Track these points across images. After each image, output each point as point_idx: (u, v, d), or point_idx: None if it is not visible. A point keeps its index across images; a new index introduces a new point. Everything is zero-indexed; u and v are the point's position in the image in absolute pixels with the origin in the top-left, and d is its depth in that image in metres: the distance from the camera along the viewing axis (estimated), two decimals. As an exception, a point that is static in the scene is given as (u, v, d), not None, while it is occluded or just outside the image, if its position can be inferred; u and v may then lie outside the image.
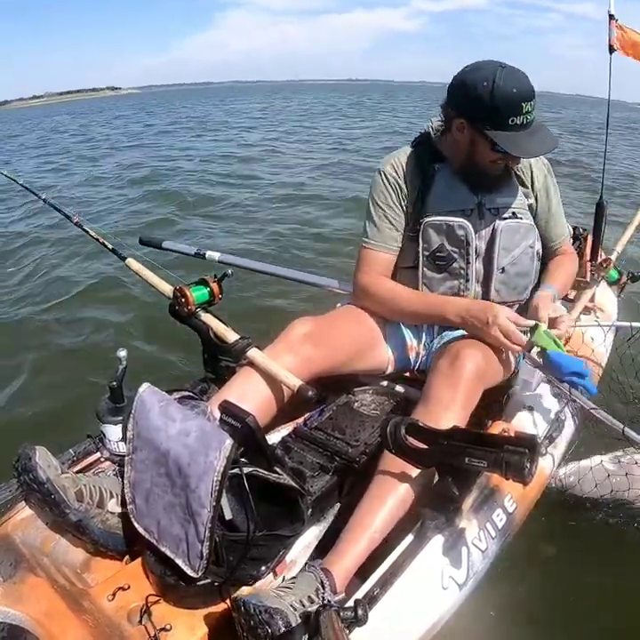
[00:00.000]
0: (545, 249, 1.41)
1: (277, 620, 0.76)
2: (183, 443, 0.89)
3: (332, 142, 10.52)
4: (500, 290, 1.33)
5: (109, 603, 0.91)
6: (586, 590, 1.29)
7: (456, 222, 1.28)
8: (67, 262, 4.28)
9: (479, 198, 1.29)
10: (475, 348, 1.17)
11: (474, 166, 1.26)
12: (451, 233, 1.29)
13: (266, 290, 3.20)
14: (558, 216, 1.41)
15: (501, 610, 1.22)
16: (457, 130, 1.23)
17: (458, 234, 1.29)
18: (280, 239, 4.47)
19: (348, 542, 0.97)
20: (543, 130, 1.19)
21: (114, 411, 1.13)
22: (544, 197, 1.36)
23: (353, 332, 1.35)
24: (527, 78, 1.14)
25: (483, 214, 1.29)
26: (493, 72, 1.12)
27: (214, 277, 1.40)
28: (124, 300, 3.35)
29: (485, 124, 1.16)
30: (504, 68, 1.13)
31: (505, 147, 1.15)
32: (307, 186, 6.51)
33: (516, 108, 1.12)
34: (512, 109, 1.12)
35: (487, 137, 1.17)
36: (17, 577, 0.92)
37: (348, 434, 1.26)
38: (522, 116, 1.13)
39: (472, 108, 1.17)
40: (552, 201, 1.38)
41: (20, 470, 0.95)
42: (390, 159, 1.36)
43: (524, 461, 0.85)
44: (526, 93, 1.12)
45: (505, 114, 1.13)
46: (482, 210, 1.29)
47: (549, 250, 1.43)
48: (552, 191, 1.38)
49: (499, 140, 1.15)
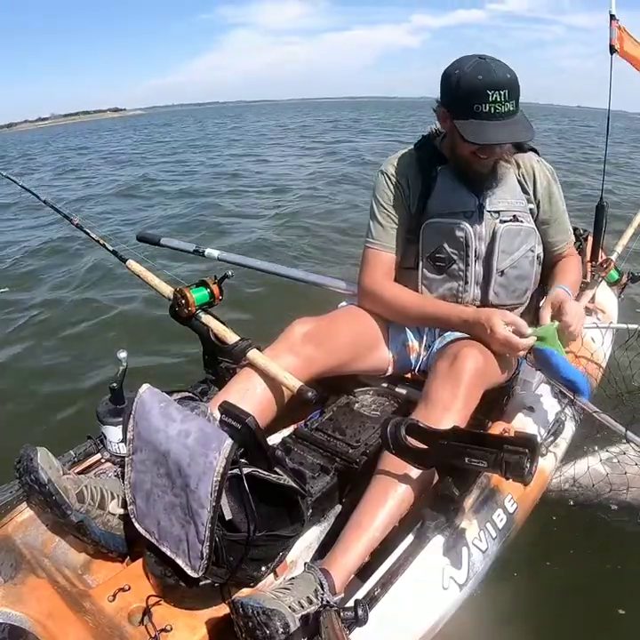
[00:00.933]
0: (547, 254, 1.39)
1: (275, 621, 0.76)
2: (183, 443, 0.90)
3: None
4: (499, 293, 1.33)
5: (110, 603, 0.91)
6: (586, 590, 1.29)
7: (456, 224, 1.28)
8: (66, 261, 4.30)
9: (480, 200, 1.29)
10: (475, 348, 1.17)
11: (461, 162, 1.25)
12: (450, 234, 1.29)
13: (266, 290, 3.20)
14: (561, 222, 1.38)
15: (501, 610, 1.21)
16: (441, 120, 1.24)
17: (457, 235, 1.29)
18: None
19: (348, 543, 0.97)
20: (519, 123, 1.15)
21: (114, 412, 1.13)
22: (546, 204, 1.34)
23: (354, 332, 1.35)
24: (503, 69, 1.11)
25: (483, 216, 1.29)
26: (467, 62, 1.13)
27: (214, 279, 1.41)
28: (125, 300, 3.36)
29: (454, 112, 1.16)
30: (482, 59, 1.13)
31: (464, 132, 1.14)
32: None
33: (480, 96, 1.10)
34: (475, 97, 1.11)
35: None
36: (18, 578, 0.92)
37: (349, 435, 1.26)
38: (488, 105, 1.11)
39: (445, 95, 1.19)
40: (554, 207, 1.36)
41: (21, 471, 0.96)
42: (393, 160, 1.37)
43: (523, 461, 0.85)
44: (494, 82, 1.10)
45: (469, 100, 1.12)
46: (482, 212, 1.29)
47: (552, 255, 1.41)
48: (555, 197, 1.35)
49: (459, 126, 1.15)
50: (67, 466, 1.14)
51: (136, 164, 10.99)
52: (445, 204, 1.30)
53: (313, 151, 11.78)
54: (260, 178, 8.32)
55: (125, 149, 15.23)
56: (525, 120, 1.17)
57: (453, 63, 1.17)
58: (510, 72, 1.12)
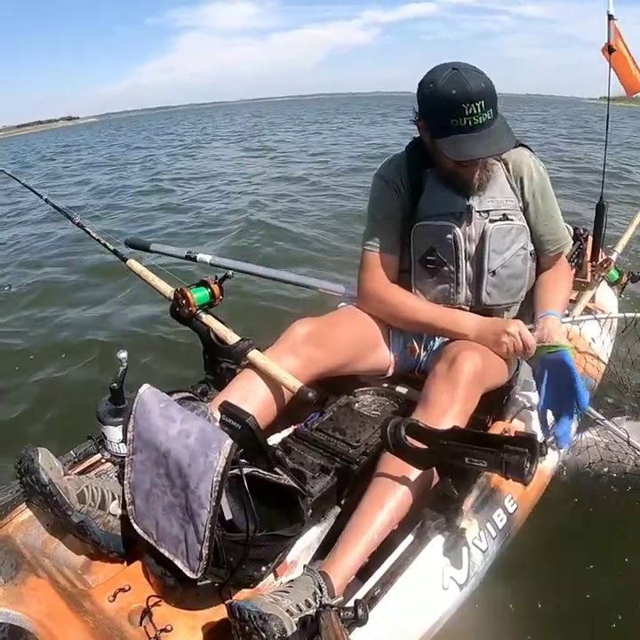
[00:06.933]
0: (538, 253, 1.37)
1: (272, 626, 0.76)
2: (183, 443, 0.90)
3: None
4: (492, 293, 1.31)
5: (110, 604, 0.91)
6: (586, 590, 1.29)
7: (445, 226, 1.28)
8: (65, 261, 4.31)
9: (468, 201, 1.27)
10: (474, 350, 1.17)
11: (447, 171, 1.24)
12: (440, 236, 1.29)
13: (266, 290, 3.20)
14: (554, 219, 1.35)
15: (501, 610, 1.21)
16: (421, 131, 1.25)
17: (447, 237, 1.28)
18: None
19: (347, 545, 0.97)
20: (497, 133, 1.15)
21: (114, 412, 1.14)
22: (537, 200, 1.31)
23: (354, 332, 1.35)
24: (477, 80, 1.10)
25: (472, 217, 1.27)
26: (440, 74, 1.12)
27: (215, 279, 1.41)
28: (125, 300, 3.36)
29: (432, 126, 1.17)
30: (455, 70, 1.11)
31: (443, 149, 1.15)
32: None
33: (456, 110, 1.10)
34: (451, 112, 1.10)
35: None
36: (18, 578, 0.92)
37: (349, 435, 1.26)
38: (465, 119, 1.10)
39: (421, 108, 1.19)
40: (545, 204, 1.32)
41: (22, 472, 0.96)
42: (387, 163, 1.37)
43: (523, 461, 0.85)
44: (468, 95, 1.09)
45: (445, 116, 1.12)
46: (471, 212, 1.27)
47: (543, 254, 1.37)
48: (547, 194, 1.32)
49: (439, 143, 1.16)
50: (67, 466, 1.14)
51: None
52: (434, 206, 1.29)
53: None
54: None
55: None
56: (504, 126, 1.17)
57: (428, 74, 1.16)
58: (485, 81, 1.11)
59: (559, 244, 1.37)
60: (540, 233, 1.34)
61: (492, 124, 1.14)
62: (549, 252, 1.37)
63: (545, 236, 1.35)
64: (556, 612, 1.24)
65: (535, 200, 1.31)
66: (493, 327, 1.24)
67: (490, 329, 1.24)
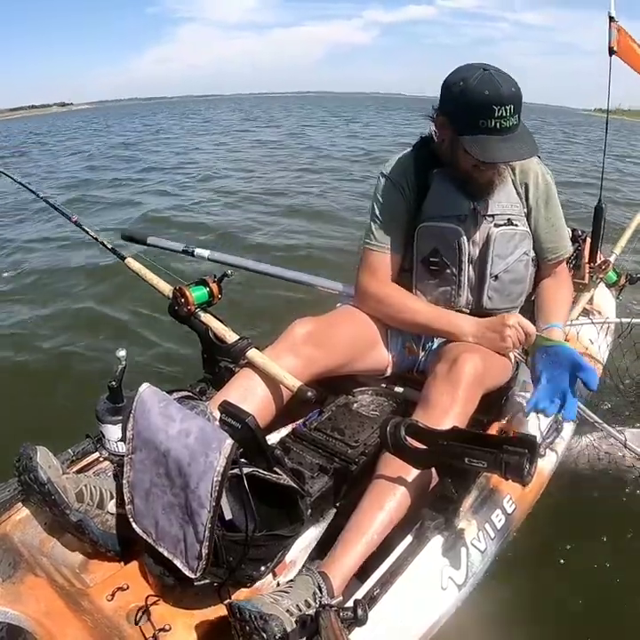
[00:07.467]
0: (539, 260, 1.37)
1: (272, 626, 0.76)
2: (183, 443, 0.89)
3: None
4: (493, 297, 1.32)
5: (108, 603, 0.91)
6: (586, 589, 1.30)
7: (449, 228, 1.27)
8: (64, 260, 4.29)
9: (474, 204, 1.27)
10: (474, 352, 1.17)
11: (460, 171, 1.23)
12: (444, 238, 1.29)
13: (265, 289, 3.18)
14: (557, 228, 1.35)
15: (500, 610, 1.22)
16: (439, 128, 1.23)
17: (450, 239, 1.28)
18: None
19: (346, 545, 0.97)
20: (522, 139, 1.14)
21: (113, 410, 1.13)
22: (542, 207, 1.31)
23: (353, 332, 1.35)
24: (508, 83, 1.10)
25: (477, 220, 1.27)
26: (472, 73, 1.11)
27: (214, 277, 1.40)
28: (124, 299, 3.35)
29: (458, 125, 1.16)
30: (486, 70, 1.11)
31: (469, 148, 1.13)
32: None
33: (486, 111, 1.09)
34: (482, 112, 1.10)
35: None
36: (16, 577, 0.91)
37: (348, 435, 1.26)
38: (494, 120, 1.10)
39: (448, 106, 1.18)
40: (550, 211, 1.32)
41: (20, 470, 0.95)
42: (393, 162, 1.36)
43: (523, 462, 0.85)
44: (500, 98, 1.08)
45: (474, 116, 1.11)
46: (476, 216, 1.27)
47: (544, 262, 1.38)
48: (552, 202, 1.32)
49: (465, 141, 1.14)
50: (65, 464, 1.14)
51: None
52: (439, 207, 1.29)
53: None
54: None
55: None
56: (527, 133, 1.16)
57: (455, 73, 1.15)
58: (515, 85, 1.11)
59: (558, 252, 1.37)
60: (540, 240, 1.34)
61: (516, 130, 1.14)
62: (548, 259, 1.38)
63: (545, 243, 1.35)
64: (556, 612, 1.25)
65: (538, 207, 1.31)
66: (492, 325, 1.24)
67: (490, 328, 1.24)
